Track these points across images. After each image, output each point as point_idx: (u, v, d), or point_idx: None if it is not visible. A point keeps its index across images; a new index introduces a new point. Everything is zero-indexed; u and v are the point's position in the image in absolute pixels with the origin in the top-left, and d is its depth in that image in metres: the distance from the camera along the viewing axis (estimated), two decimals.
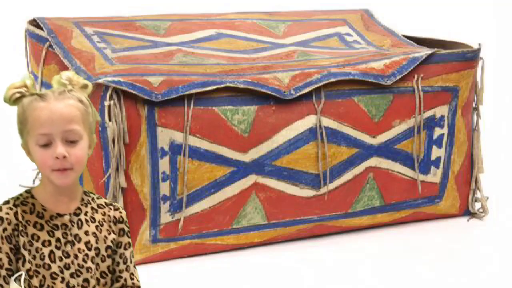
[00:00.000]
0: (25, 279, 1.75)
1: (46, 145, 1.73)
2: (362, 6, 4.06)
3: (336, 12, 3.93)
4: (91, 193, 1.86)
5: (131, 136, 2.92)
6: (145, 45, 3.30)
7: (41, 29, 3.28)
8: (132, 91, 2.89)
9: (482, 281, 2.87)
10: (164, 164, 2.97)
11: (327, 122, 3.22)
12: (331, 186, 3.25)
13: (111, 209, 1.86)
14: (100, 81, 2.86)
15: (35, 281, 1.75)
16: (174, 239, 3.04)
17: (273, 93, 3.11)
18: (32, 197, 1.80)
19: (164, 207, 3.00)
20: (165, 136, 2.97)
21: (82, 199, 1.83)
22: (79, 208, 1.81)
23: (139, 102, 2.93)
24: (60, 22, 3.32)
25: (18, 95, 1.76)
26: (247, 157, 3.10)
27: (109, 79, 2.87)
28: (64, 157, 1.72)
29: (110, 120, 2.87)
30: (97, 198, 1.86)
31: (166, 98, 2.94)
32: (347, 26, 3.81)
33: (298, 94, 3.15)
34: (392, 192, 3.38)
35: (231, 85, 3.05)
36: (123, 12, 3.73)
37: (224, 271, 2.97)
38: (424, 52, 3.40)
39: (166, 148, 2.97)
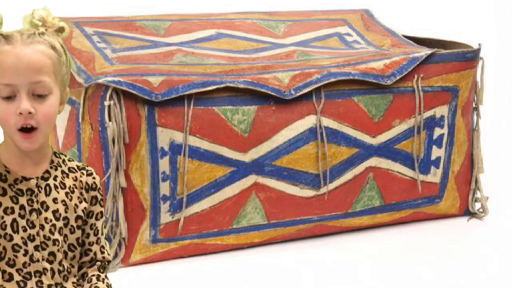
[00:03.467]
0: None
1: (10, 97, 1.50)
2: (362, 6, 4.06)
3: (336, 12, 3.93)
4: (62, 154, 1.66)
5: (131, 136, 2.92)
6: (145, 45, 3.30)
7: None
8: (132, 91, 2.89)
9: (482, 281, 2.87)
10: (164, 164, 2.97)
11: (327, 122, 3.22)
12: (331, 186, 3.25)
13: (83, 174, 1.65)
14: (100, 81, 2.86)
15: None
16: (174, 239, 3.04)
17: (273, 93, 3.11)
18: None
19: (164, 207, 3.00)
20: (165, 136, 2.97)
21: (52, 161, 1.62)
22: (47, 172, 1.60)
23: (139, 102, 2.93)
24: None
25: None
26: (247, 157, 3.10)
27: (109, 79, 2.87)
28: (30, 113, 1.49)
29: (110, 120, 2.87)
30: (69, 161, 1.66)
31: (166, 98, 2.94)
32: (347, 26, 3.81)
33: (298, 94, 3.15)
34: (392, 192, 3.39)
35: (231, 85, 3.05)
36: (123, 12, 3.73)
37: (224, 271, 2.97)
38: (424, 52, 3.40)
39: (166, 148, 2.97)
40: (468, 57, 3.46)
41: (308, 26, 3.76)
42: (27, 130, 1.52)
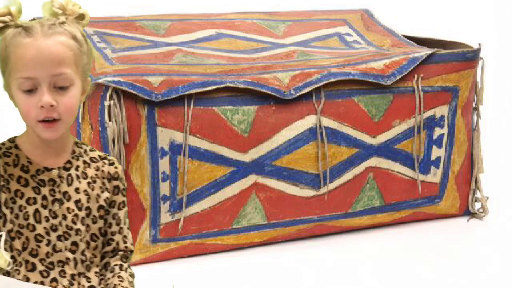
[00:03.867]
0: (6, 240, 1.54)
1: (31, 90, 1.49)
2: (362, 6, 4.06)
3: (336, 12, 3.93)
4: (84, 144, 1.66)
5: (131, 136, 2.92)
6: (145, 45, 3.30)
7: None
8: (132, 91, 2.89)
9: (482, 281, 2.87)
10: (164, 164, 2.97)
11: (327, 122, 3.22)
12: (331, 186, 3.25)
13: (105, 163, 1.64)
14: (100, 81, 2.86)
15: (18, 243, 1.55)
16: (174, 239, 3.04)
17: (273, 93, 3.11)
18: (16, 147, 1.57)
19: (164, 207, 3.00)
20: (165, 136, 2.97)
21: (73, 151, 1.61)
22: (69, 162, 1.60)
23: (139, 102, 2.93)
24: None
25: (0, 25, 1.50)
26: (247, 157, 3.10)
27: (109, 79, 2.87)
28: (51, 106, 1.48)
29: (110, 120, 2.87)
30: (91, 151, 1.65)
31: (166, 98, 2.94)
32: (347, 26, 3.81)
33: (298, 94, 3.15)
34: (392, 192, 3.38)
35: (231, 85, 3.05)
36: (123, 12, 3.73)
37: (224, 271, 2.97)
38: (424, 52, 3.40)
39: (166, 148, 2.97)
40: (468, 57, 3.46)
41: (308, 26, 3.75)
42: (49, 120, 1.52)
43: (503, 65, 5.31)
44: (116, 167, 1.66)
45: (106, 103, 2.87)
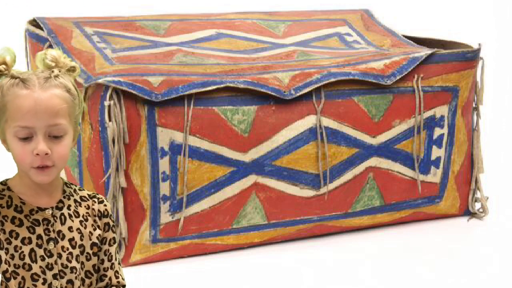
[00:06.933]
0: (1, 281, 1.56)
1: (27, 138, 1.54)
2: (362, 6, 4.06)
3: (336, 12, 3.93)
4: (72, 184, 1.70)
5: (131, 136, 2.92)
6: (145, 45, 3.30)
7: (41, 29, 3.28)
8: (132, 91, 2.89)
9: (482, 281, 2.87)
10: (164, 164, 2.97)
11: (327, 122, 3.22)
12: (331, 186, 3.25)
13: (95, 202, 1.68)
14: (100, 81, 2.86)
15: (13, 284, 1.57)
16: (174, 239, 3.04)
17: (273, 93, 3.11)
18: (9, 189, 1.60)
19: (164, 207, 3.00)
20: (165, 136, 2.97)
21: (64, 191, 1.65)
22: (61, 201, 1.63)
23: (139, 102, 2.93)
24: (60, 22, 3.32)
25: None
26: (247, 157, 3.10)
27: (109, 79, 2.87)
28: (46, 154, 1.53)
29: (110, 120, 2.87)
30: (79, 190, 1.69)
31: (166, 98, 2.94)
32: (347, 26, 3.81)
33: (298, 94, 3.15)
34: (392, 192, 3.38)
35: (231, 85, 3.05)
36: (123, 12, 3.73)
37: (224, 271, 2.97)
38: (424, 52, 3.40)
39: (166, 148, 2.97)
40: (468, 57, 3.46)
41: (308, 26, 3.75)
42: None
43: (503, 65, 5.31)
44: (105, 205, 1.70)
45: (106, 103, 2.87)
